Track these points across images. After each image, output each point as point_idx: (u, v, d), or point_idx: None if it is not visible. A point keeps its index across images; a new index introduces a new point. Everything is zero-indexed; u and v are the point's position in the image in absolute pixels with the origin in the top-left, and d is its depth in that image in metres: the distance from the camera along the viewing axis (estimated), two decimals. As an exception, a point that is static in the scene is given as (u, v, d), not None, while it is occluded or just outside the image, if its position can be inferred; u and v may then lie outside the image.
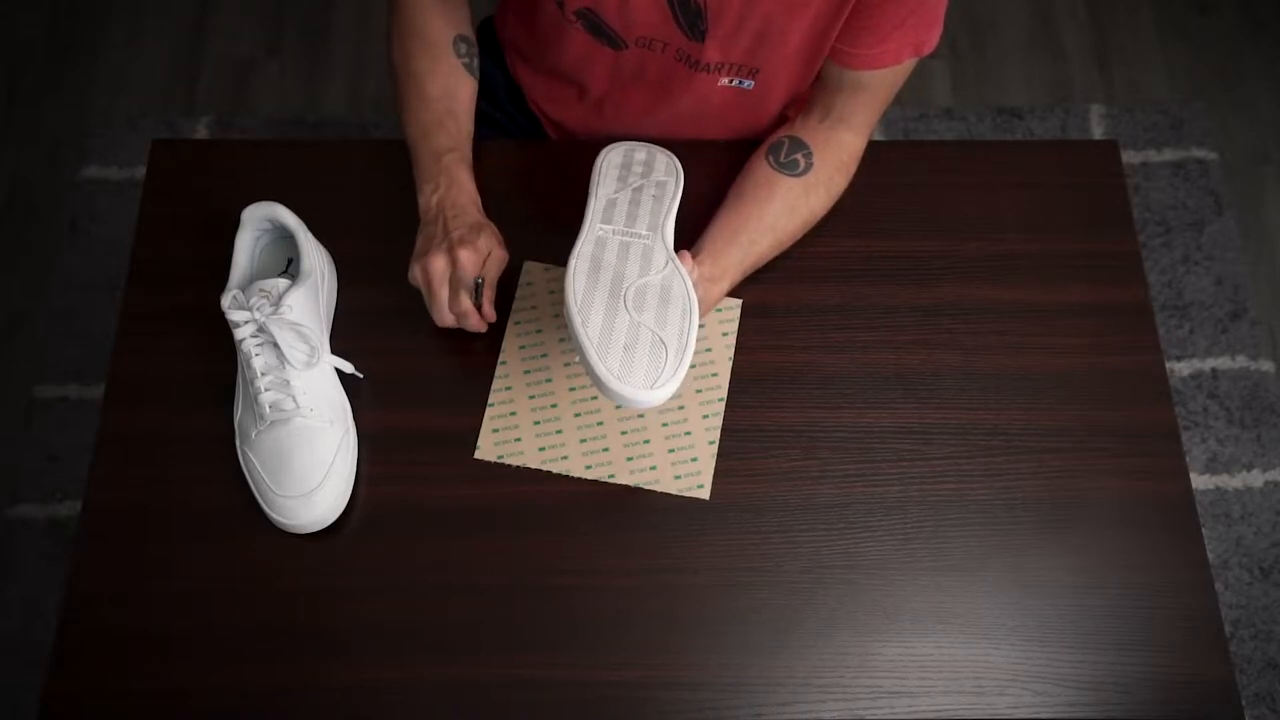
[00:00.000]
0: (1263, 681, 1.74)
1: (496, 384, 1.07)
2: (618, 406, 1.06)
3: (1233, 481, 1.87)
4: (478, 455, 1.05)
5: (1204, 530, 1.81)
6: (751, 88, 1.16)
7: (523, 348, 1.09)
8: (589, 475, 1.04)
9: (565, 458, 1.05)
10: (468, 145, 1.13)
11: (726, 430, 1.06)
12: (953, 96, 2.19)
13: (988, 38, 2.25)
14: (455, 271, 1.04)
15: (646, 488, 1.04)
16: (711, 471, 1.05)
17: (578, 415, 1.06)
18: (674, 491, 1.04)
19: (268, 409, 1.00)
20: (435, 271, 1.04)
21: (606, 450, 1.05)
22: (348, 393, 1.06)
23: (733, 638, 0.99)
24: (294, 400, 1.01)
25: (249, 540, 1.01)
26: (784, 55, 1.11)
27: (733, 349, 1.10)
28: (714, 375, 1.09)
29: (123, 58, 2.21)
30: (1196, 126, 2.15)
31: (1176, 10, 2.29)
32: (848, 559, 1.02)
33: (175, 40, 2.23)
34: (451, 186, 1.08)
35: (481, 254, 1.05)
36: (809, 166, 1.12)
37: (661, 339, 0.97)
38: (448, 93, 1.13)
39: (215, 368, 1.08)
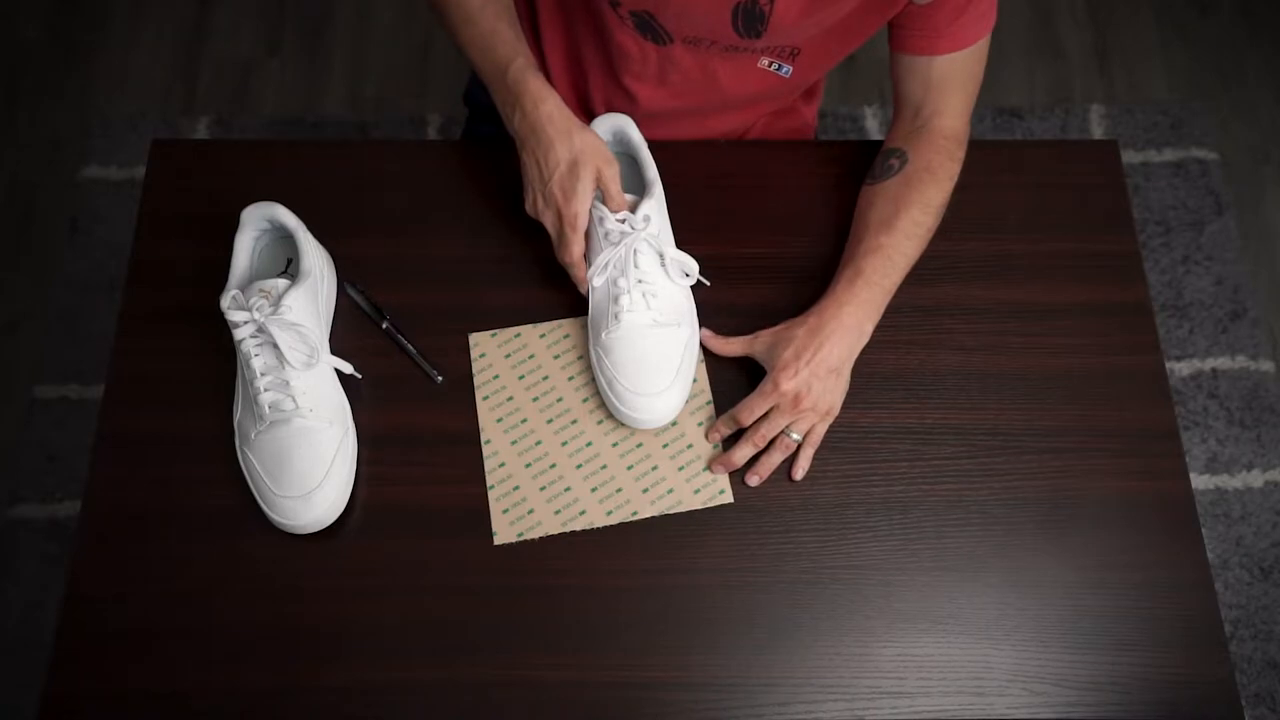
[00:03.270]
0: (1263, 681, 1.74)
1: (489, 464, 1.05)
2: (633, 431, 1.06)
3: (1233, 481, 1.87)
4: (497, 542, 1.02)
5: (1204, 530, 1.81)
6: (789, 75, 1.17)
7: (499, 420, 1.07)
8: (612, 521, 1.02)
9: (583, 512, 1.03)
10: (523, 45, 1.10)
11: (726, 430, 1.06)
12: (953, 96, 2.19)
13: (988, 38, 2.25)
14: (562, 227, 1.05)
15: (672, 513, 1.03)
16: (727, 475, 1.04)
17: (579, 467, 1.04)
18: (699, 506, 1.03)
19: (267, 409, 1.00)
20: (551, 226, 1.06)
21: (620, 491, 1.04)
22: (347, 393, 1.06)
23: (733, 638, 0.99)
24: (293, 400, 1.01)
25: (249, 540, 1.01)
26: (825, 35, 1.12)
27: (700, 351, 1.09)
28: (694, 381, 1.08)
29: (123, 58, 2.21)
30: (1196, 126, 2.15)
31: (1176, 10, 2.29)
32: (848, 559, 1.02)
33: (175, 40, 2.23)
34: (525, 102, 1.06)
35: (588, 194, 1.04)
36: (904, 163, 1.12)
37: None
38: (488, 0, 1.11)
39: (215, 368, 1.08)
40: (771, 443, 1.04)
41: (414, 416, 1.07)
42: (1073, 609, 1.00)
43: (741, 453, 1.04)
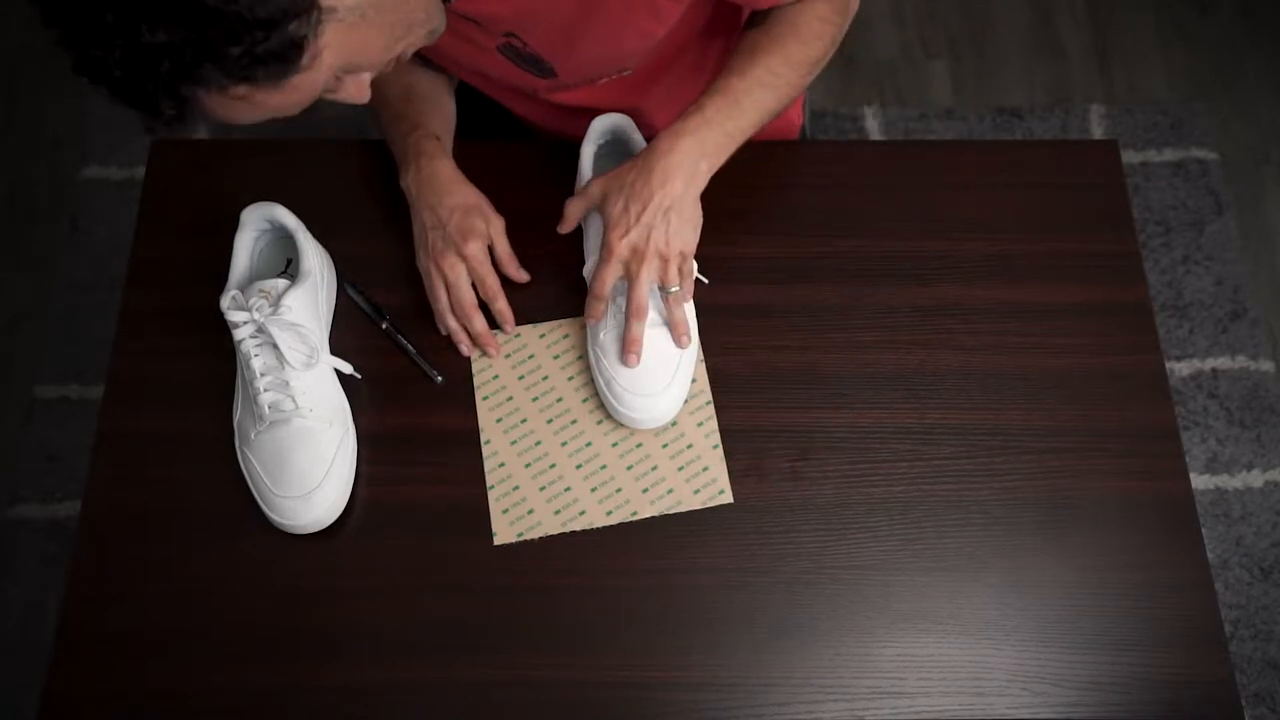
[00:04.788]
0: (1263, 681, 1.74)
1: (489, 464, 1.05)
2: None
3: (1233, 481, 1.87)
4: (497, 542, 1.01)
5: (1204, 530, 1.81)
6: (631, 74, 1.15)
7: (499, 420, 1.06)
8: (612, 521, 1.02)
9: (583, 512, 1.03)
10: (435, 123, 1.13)
11: (726, 432, 1.06)
12: (953, 96, 2.19)
13: (988, 38, 2.25)
14: (469, 267, 1.07)
15: (672, 513, 1.03)
16: (726, 475, 1.04)
17: (579, 467, 1.04)
18: (699, 506, 1.03)
19: (267, 409, 1.00)
20: (449, 269, 1.06)
21: (620, 491, 1.04)
22: (347, 393, 1.06)
23: (733, 638, 0.99)
24: (293, 401, 1.01)
25: (249, 540, 1.01)
26: (637, 56, 1.11)
27: (700, 351, 1.09)
28: (693, 381, 1.08)
29: (123, 58, 2.21)
30: (1196, 126, 2.15)
31: (1176, 10, 2.29)
32: (848, 559, 1.02)
33: (175, 40, 2.23)
34: (422, 160, 1.08)
35: (484, 236, 1.07)
36: (768, 20, 1.08)
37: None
38: (405, 88, 1.14)
39: (215, 368, 1.08)
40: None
41: (414, 416, 1.07)
42: (1072, 609, 1.00)
43: (638, 329, 1.03)
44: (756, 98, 1.05)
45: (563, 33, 1.02)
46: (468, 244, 1.06)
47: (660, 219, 1.01)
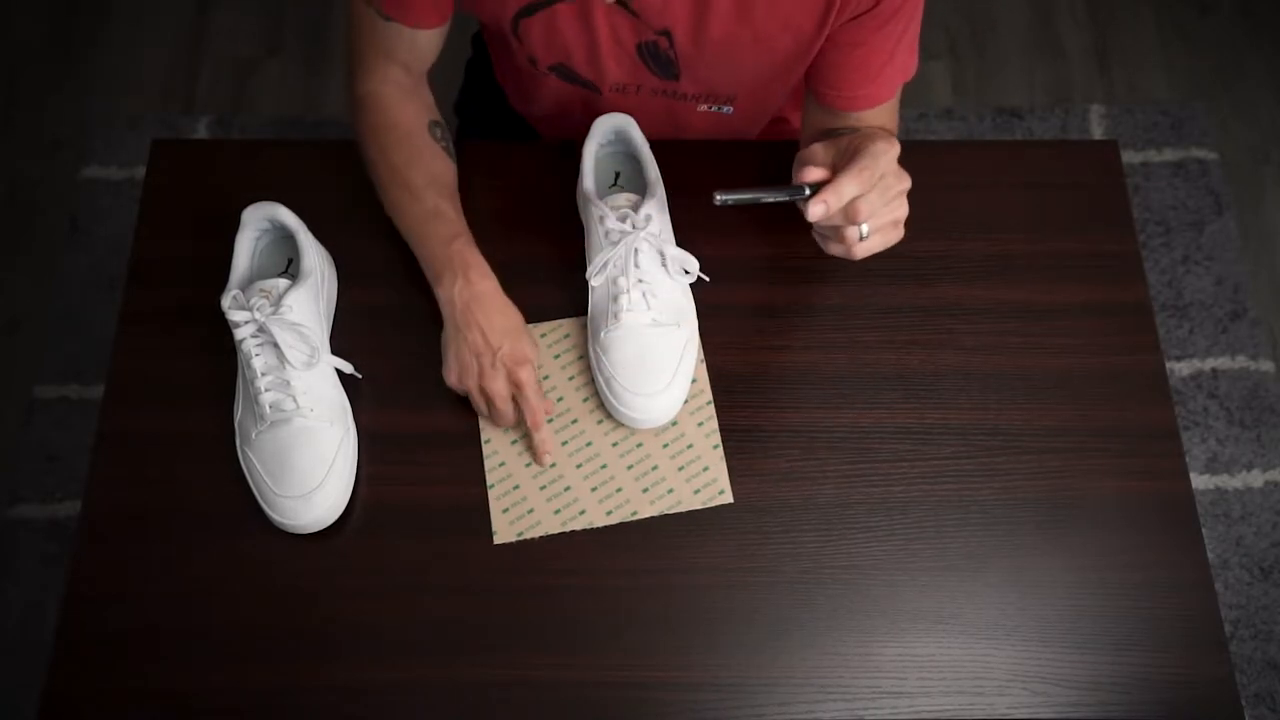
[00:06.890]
0: (1263, 681, 1.74)
1: (489, 463, 1.05)
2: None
3: (1233, 481, 1.87)
4: (497, 541, 1.01)
5: (1204, 530, 1.81)
6: (731, 113, 1.18)
7: None
8: (612, 521, 1.02)
9: (583, 512, 1.03)
10: (467, 228, 1.09)
11: (727, 431, 1.06)
12: (953, 96, 2.19)
13: (988, 38, 2.25)
14: (522, 395, 1.03)
15: (672, 513, 1.03)
16: (726, 475, 1.04)
17: (579, 466, 1.04)
18: (699, 506, 1.03)
19: (268, 409, 1.00)
20: (497, 394, 1.03)
21: (620, 490, 1.04)
22: (347, 393, 1.06)
23: (733, 638, 0.99)
24: (294, 400, 1.01)
25: (249, 540, 1.01)
26: (759, 84, 1.12)
27: (700, 351, 1.09)
28: (694, 381, 1.08)
29: (123, 58, 2.21)
30: (1196, 126, 2.15)
31: (1176, 10, 2.29)
32: (848, 559, 1.02)
33: (175, 40, 2.23)
34: (472, 274, 1.05)
35: (533, 362, 1.05)
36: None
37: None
38: (434, 179, 1.09)
39: (215, 368, 1.08)
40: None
41: (414, 416, 1.07)
42: (1073, 609, 1.00)
43: (834, 204, 0.92)
44: None
45: (721, 47, 1.05)
46: (521, 370, 1.03)
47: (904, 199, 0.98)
